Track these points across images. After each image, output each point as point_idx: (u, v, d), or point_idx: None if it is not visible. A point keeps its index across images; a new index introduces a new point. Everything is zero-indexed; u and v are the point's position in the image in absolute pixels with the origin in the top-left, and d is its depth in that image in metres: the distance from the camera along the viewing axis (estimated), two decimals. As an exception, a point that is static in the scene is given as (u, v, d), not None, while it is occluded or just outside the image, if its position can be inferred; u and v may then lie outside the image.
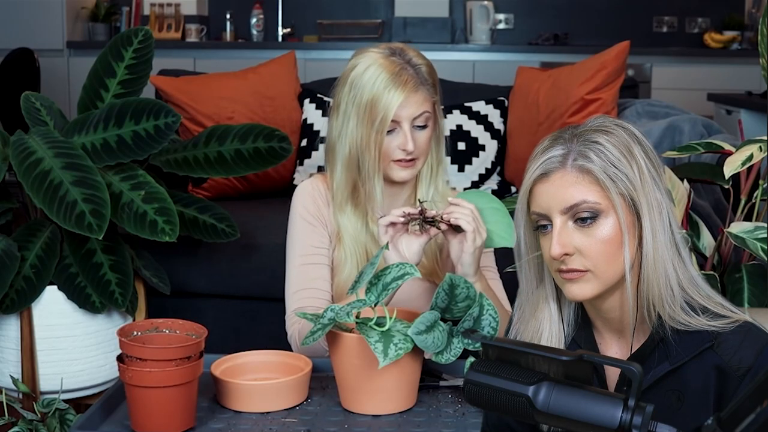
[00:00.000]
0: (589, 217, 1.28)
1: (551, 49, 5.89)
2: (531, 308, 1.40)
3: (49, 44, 5.52)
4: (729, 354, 1.27)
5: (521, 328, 1.41)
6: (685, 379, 1.29)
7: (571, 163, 1.29)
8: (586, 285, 1.29)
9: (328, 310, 1.55)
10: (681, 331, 1.29)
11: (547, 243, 1.31)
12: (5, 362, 2.41)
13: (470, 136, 3.32)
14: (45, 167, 2.18)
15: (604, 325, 1.39)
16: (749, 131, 4.39)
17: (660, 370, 1.30)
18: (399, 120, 1.87)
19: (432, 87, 1.91)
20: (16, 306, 2.32)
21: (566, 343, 1.38)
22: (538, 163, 1.32)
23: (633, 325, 1.33)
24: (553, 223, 1.29)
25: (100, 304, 2.37)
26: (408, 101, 1.86)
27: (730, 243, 2.00)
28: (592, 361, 1.07)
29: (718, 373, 1.27)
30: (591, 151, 1.28)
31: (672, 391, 1.30)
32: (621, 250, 1.28)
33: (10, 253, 2.27)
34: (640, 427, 1.02)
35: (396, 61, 1.88)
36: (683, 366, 1.29)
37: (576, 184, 1.28)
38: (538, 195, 1.32)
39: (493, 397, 1.10)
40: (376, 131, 1.86)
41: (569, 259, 1.29)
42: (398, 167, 1.90)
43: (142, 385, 1.51)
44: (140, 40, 2.51)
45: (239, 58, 5.36)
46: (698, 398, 1.28)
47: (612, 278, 1.29)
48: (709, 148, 2.20)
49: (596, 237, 1.28)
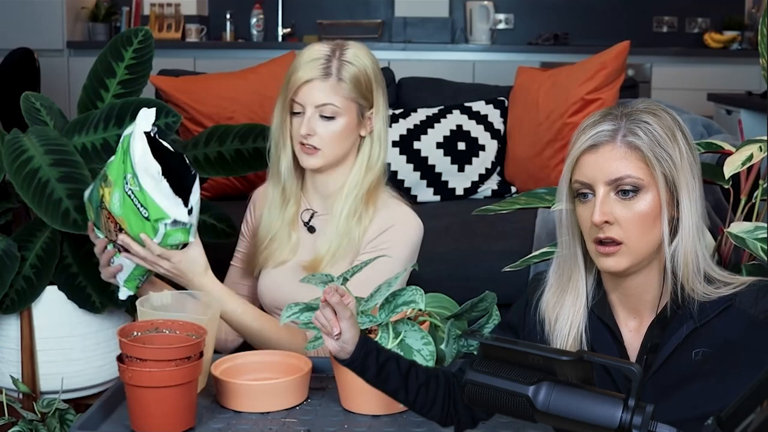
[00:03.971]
0: (631, 190, 1.36)
1: (551, 49, 5.88)
2: (567, 271, 1.47)
3: (49, 44, 5.51)
4: (750, 306, 1.37)
5: (554, 289, 1.49)
6: (710, 337, 1.37)
7: (620, 139, 1.37)
8: (621, 258, 1.37)
9: None
10: (699, 301, 1.38)
11: (587, 211, 1.38)
12: (5, 362, 2.41)
13: (470, 136, 3.32)
14: (34, 165, 2.16)
15: (620, 302, 1.45)
16: (749, 131, 4.39)
17: (686, 329, 1.38)
18: (302, 102, 1.92)
19: (352, 87, 1.93)
20: (16, 306, 2.32)
21: (588, 305, 1.46)
22: (588, 135, 1.38)
23: (658, 293, 1.42)
24: (596, 192, 1.37)
25: (100, 304, 2.37)
26: (313, 85, 1.91)
27: (730, 243, 2.00)
28: (592, 361, 1.07)
29: (745, 324, 1.36)
30: (640, 129, 1.37)
31: (697, 350, 1.37)
32: (655, 226, 1.37)
33: (10, 253, 2.27)
34: (640, 427, 1.02)
35: (325, 50, 1.93)
36: (707, 325, 1.37)
37: (624, 158, 1.36)
38: (584, 165, 1.38)
39: (493, 397, 1.10)
40: (285, 109, 1.95)
41: (608, 228, 1.36)
42: (301, 152, 1.95)
43: (142, 385, 1.51)
44: (140, 40, 2.51)
45: (239, 58, 5.36)
46: (726, 352, 1.36)
47: (644, 252, 1.38)
48: (709, 148, 2.20)
49: (635, 210, 1.36)
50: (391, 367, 1.46)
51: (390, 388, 1.48)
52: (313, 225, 2.02)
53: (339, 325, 1.44)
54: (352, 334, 1.45)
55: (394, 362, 1.47)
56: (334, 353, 1.48)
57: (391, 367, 1.47)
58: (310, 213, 2.03)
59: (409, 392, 1.47)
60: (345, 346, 1.46)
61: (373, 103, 1.96)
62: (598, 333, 1.44)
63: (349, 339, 1.45)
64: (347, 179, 1.97)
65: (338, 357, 1.48)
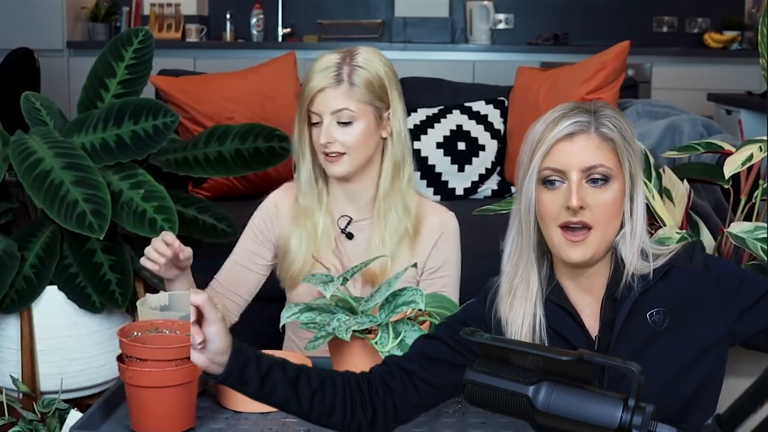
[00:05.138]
0: (601, 179, 1.42)
1: (551, 49, 5.88)
2: (522, 262, 1.50)
3: (49, 44, 5.51)
4: (690, 261, 1.47)
5: (507, 280, 1.52)
6: (658, 299, 1.44)
7: (594, 130, 1.43)
8: (588, 247, 1.42)
9: (335, 320, 1.55)
10: (641, 274, 1.46)
11: (556, 197, 1.42)
12: (5, 362, 2.41)
13: (470, 136, 3.32)
14: (45, 167, 2.18)
15: (576, 287, 1.49)
16: (749, 131, 4.39)
17: (633, 296, 1.44)
18: (318, 112, 1.91)
19: (366, 91, 1.91)
20: (16, 306, 2.32)
21: (542, 293, 1.49)
22: (564, 124, 1.43)
23: (609, 273, 1.48)
24: (570, 179, 1.42)
25: (100, 304, 2.37)
26: (326, 93, 1.90)
27: (730, 243, 2.00)
28: (592, 361, 1.07)
29: (686, 278, 1.46)
30: (611, 123, 1.45)
31: (654, 311, 1.44)
32: (618, 215, 1.44)
33: (10, 253, 2.27)
34: (640, 427, 1.02)
35: (335, 59, 1.92)
36: (652, 289, 1.45)
37: (599, 148, 1.43)
38: (558, 152, 1.43)
39: (493, 397, 1.10)
40: (303, 121, 1.94)
41: (582, 213, 1.41)
42: (325, 161, 1.94)
43: (142, 385, 1.51)
44: (140, 40, 2.51)
45: (239, 58, 5.36)
46: (675, 309, 1.44)
47: (608, 239, 1.44)
48: (709, 148, 2.20)
49: (604, 198, 1.42)
50: (276, 375, 1.32)
51: (278, 399, 1.33)
52: (351, 231, 2.02)
53: (203, 331, 1.24)
54: (223, 344, 1.26)
55: (280, 369, 1.33)
56: (202, 368, 1.27)
57: (276, 374, 1.32)
58: (347, 219, 2.02)
59: (302, 400, 1.34)
60: (216, 358, 1.26)
61: (389, 104, 1.95)
62: (559, 319, 1.47)
63: (220, 349, 1.26)
64: (379, 182, 1.97)
65: (208, 372, 1.28)
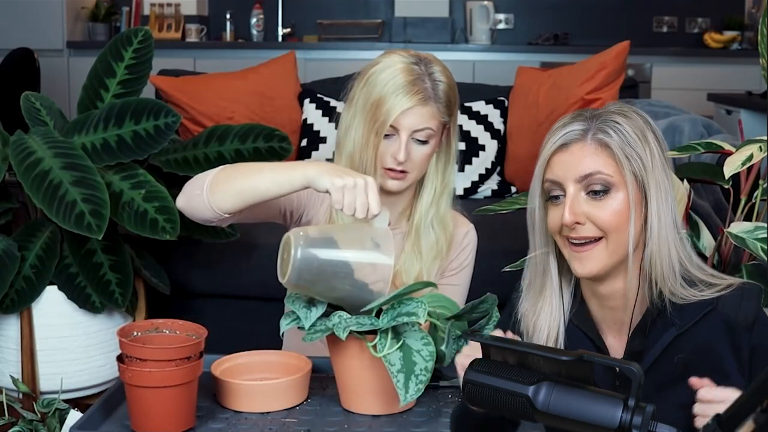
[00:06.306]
0: (601, 190, 1.36)
1: (551, 49, 5.89)
2: (540, 280, 1.45)
3: (49, 44, 5.51)
4: (733, 310, 1.34)
5: (529, 299, 1.46)
6: (692, 343, 1.35)
7: (591, 137, 1.37)
8: (595, 259, 1.35)
9: (336, 316, 1.55)
10: (680, 305, 1.35)
11: (558, 212, 1.37)
12: (5, 362, 2.41)
13: (470, 136, 3.32)
14: (45, 167, 2.18)
15: (600, 309, 1.43)
16: (749, 131, 4.39)
17: (667, 337, 1.35)
18: (399, 127, 1.82)
19: (445, 107, 1.85)
20: (16, 306, 2.32)
21: (565, 321, 1.43)
22: (558, 135, 1.38)
23: (636, 301, 1.38)
24: (567, 191, 1.36)
25: (100, 304, 2.37)
26: (413, 111, 1.81)
27: (730, 243, 2.00)
28: (592, 361, 1.07)
29: (726, 329, 1.34)
30: (610, 128, 1.36)
31: (679, 358, 1.35)
32: (627, 225, 1.35)
33: (10, 253, 2.27)
34: (640, 427, 1.02)
35: (416, 70, 1.83)
36: (688, 332, 1.35)
37: (594, 155, 1.36)
38: (555, 164, 1.38)
39: (493, 397, 1.10)
40: (374, 132, 1.83)
41: (581, 228, 1.35)
42: (387, 176, 1.86)
43: (142, 386, 1.51)
44: (140, 40, 2.51)
45: (239, 58, 5.36)
46: (708, 360, 1.33)
47: (621, 250, 1.35)
48: (709, 148, 2.20)
49: (607, 209, 1.35)
50: None
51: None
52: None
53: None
54: None
55: None
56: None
57: None
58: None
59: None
60: None
61: (452, 111, 1.89)
62: (580, 343, 1.42)
63: None
64: (422, 195, 1.93)
65: None
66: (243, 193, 1.73)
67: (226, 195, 1.74)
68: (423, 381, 1.51)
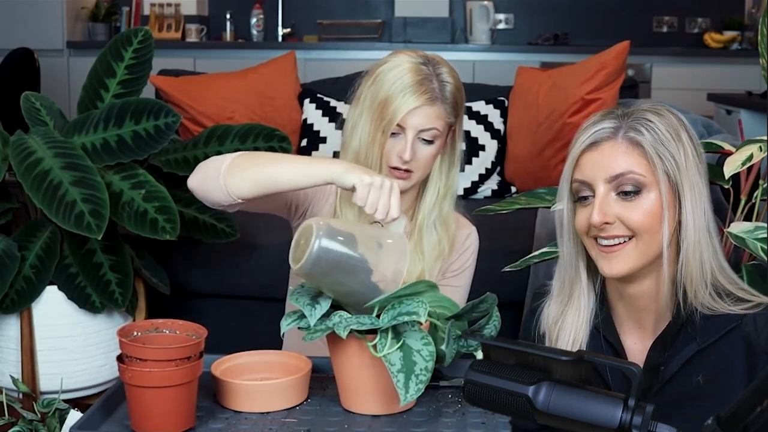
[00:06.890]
0: (632, 191, 1.31)
1: (551, 49, 5.89)
2: (569, 283, 1.41)
3: (49, 44, 5.52)
4: (756, 331, 1.30)
5: (556, 303, 1.42)
6: (711, 360, 1.31)
7: (622, 135, 1.32)
8: (625, 259, 1.31)
9: (336, 315, 1.55)
10: (706, 316, 1.32)
11: (586, 213, 1.32)
12: (5, 362, 2.41)
13: (470, 136, 3.32)
14: (44, 167, 2.18)
15: (625, 312, 1.39)
16: (749, 131, 4.39)
17: (688, 351, 1.32)
18: (405, 126, 1.82)
19: (451, 108, 1.85)
20: (16, 306, 2.32)
21: (591, 320, 1.39)
22: (588, 133, 1.33)
23: (664, 304, 1.34)
24: (596, 191, 1.31)
25: (100, 304, 2.37)
26: (420, 111, 1.81)
27: (730, 243, 2.00)
28: (592, 361, 1.07)
29: (747, 351, 1.30)
30: (642, 126, 1.32)
31: (698, 373, 1.32)
32: (660, 226, 1.30)
33: (10, 253, 2.27)
34: (640, 427, 1.02)
35: (424, 70, 1.83)
36: (710, 347, 1.31)
37: (625, 154, 1.31)
38: (584, 164, 1.33)
39: (493, 397, 1.10)
40: (381, 131, 1.83)
41: (610, 228, 1.31)
42: (392, 175, 1.85)
43: (142, 386, 1.51)
44: (140, 40, 2.52)
45: (239, 58, 5.36)
46: (726, 377, 1.30)
47: (651, 251, 1.31)
48: (709, 148, 2.19)
49: (638, 210, 1.30)
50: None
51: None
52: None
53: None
54: None
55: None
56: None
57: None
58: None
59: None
60: None
61: (458, 113, 1.90)
62: (598, 349, 1.40)
63: None
64: (425, 196, 1.93)
65: None
66: (262, 181, 1.73)
67: (244, 181, 1.74)
68: (423, 381, 1.51)
